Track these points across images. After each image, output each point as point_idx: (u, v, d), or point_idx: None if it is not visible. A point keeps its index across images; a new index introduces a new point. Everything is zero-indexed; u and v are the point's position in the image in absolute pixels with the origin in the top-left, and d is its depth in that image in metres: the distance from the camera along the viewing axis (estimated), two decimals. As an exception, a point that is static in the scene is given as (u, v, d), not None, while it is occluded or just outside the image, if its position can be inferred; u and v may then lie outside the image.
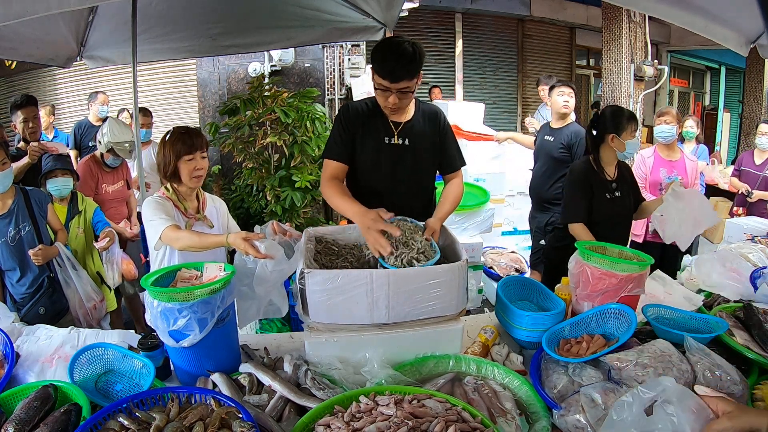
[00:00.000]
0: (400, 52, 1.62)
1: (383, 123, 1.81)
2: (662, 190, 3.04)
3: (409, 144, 1.82)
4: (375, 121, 1.81)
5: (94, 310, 2.41)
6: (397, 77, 1.63)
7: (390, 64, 1.63)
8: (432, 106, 1.92)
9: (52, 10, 1.25)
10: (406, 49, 1.62)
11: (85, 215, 2.55)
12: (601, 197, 2.15)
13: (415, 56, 1.63)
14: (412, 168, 1.85)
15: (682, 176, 3.00)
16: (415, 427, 0.99)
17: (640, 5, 2.94)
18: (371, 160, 1.83)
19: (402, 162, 1.83)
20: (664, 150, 3.09)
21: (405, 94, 1.68)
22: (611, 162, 2.18)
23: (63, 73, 5.24)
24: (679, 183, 2.05)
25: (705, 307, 1.74)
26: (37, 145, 2.64)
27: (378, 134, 1.81)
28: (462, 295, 1.37)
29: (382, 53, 1.64)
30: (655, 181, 3.08)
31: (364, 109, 1.83)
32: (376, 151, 1.82)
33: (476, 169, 3.99)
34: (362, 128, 1.81)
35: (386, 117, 1.81)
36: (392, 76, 1.63)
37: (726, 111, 10.18)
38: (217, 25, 3.10)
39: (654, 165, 3.10)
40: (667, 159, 3.08)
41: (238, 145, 4.09)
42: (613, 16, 5.87)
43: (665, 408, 0.91)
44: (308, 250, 1.48)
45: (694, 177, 3.04)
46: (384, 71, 1.64)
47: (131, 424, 1.03)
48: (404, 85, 1.65)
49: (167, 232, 1.65)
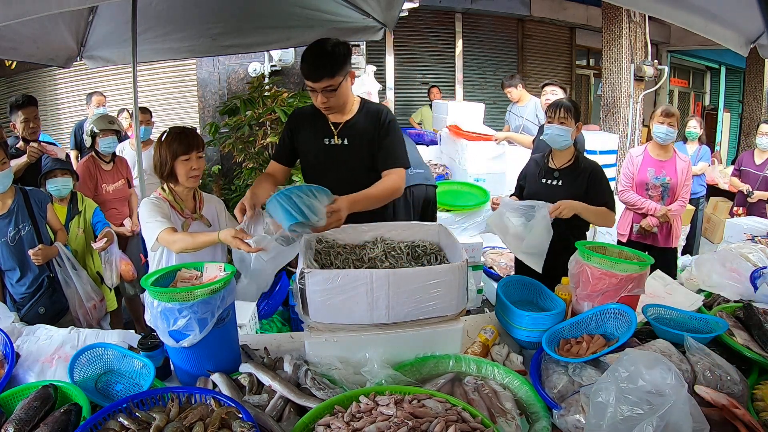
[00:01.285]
0: (317, 52, 1.67)
1: (324, 124, 1.85)
2: (648, 190, 2.96)
3: (348, 143, 1.84)
4: (317, 122, 1.85)
5: (94, 310, 2.41)
6: (316, 77, 1.67)
7: (308, 64, 1.67)
8: (378, 105, 1.93)
9: (52, 10, 1.24)
10: (323, 49, 1.66)
11: (85, 215, 2.55)
12: (534, 178, 2.21)
13: (333, 55, 1.66)
14: (351, 167, 1.85)
15: (670, 177, 2.90)
16: (415, 427, 0.99)
17: (640, 5, 2.94)
18: (313, 162, 1.90)
19: (341, 162, 1.85)
20: (655, 149, 2.97)
21: (331, 93, 1.70)
22: (558, 153, 2.16)
23: (63, 73, 5.24)
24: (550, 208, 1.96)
25: (705, 307, 1.74)
26: (37, 145, 2.64)
27: (319, 135, 1.85)
28: (462, 295, 1.37)
29: (303, 55, 1.70)
30: (642, 180, 2.98)
31: (308, 112, 1.89)
32: (316, 152, 1.86)
33: (476, 169, 3.99)
34: (304, 130, 1.87)
35: (326, 119, 1.83)
36: (312, 76, 1.68)
37: (726, 111, 10.18)
38: (217, 25, 3.10)
39: (642, 164, 2.99)
40: (657, 158, 2.95)
41: (238, 145, 4.09)
42: (613, 16, 5.87)
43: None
44: (308, 250, 1.48)
45: (685, 178, 2.90)
46: (305, 72, 1.70)
47: (131, 424, 1.03)
48: (326, 84, 1.67)
49: (163, 236, 1.68)
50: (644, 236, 2.98)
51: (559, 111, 2.08)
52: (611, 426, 0.97)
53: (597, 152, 4.34)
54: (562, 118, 2.07)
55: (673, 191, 2.91)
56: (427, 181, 3.00)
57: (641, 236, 2.99)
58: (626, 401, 0.98)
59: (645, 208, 2.93)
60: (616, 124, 6.01)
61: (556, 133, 2.08)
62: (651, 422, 0.91)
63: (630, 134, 6.05)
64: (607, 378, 1.05)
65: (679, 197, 2.90)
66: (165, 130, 1.82)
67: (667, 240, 2.96)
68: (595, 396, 1.04)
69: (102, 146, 2.91)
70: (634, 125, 6.06)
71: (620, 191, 3.06)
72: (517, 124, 4.28)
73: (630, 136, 6.04)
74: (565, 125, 2.07)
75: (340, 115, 1.83)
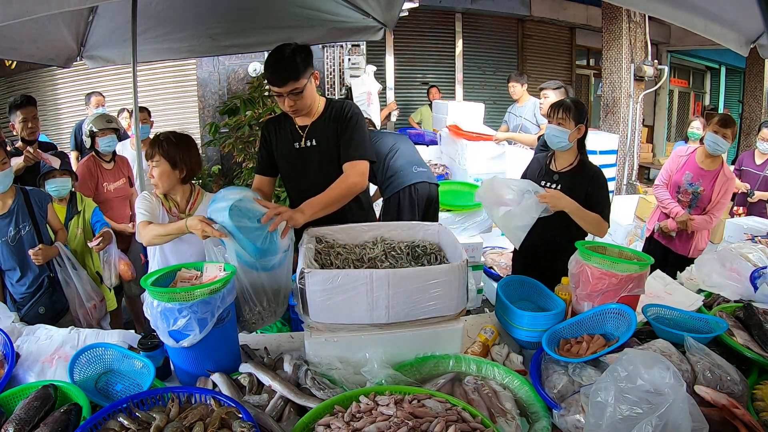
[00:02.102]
0: (278, 57, 1.69)
1: (292, 129, 1.87)
2: (679, 193, 2.88)
3: (315, 144, 1.85)
4: (285, 128, 1.88)
5: (94, 310, 2.41)
6: (280, 81, 1.69)
7: (272, 70, 1.70)
8: (342, 101, 1.92)
9: (52, 10, 1.25)
10: (283, 53, 1.68)
11: (84, 215, 2.55)
12: (533, 179, 2.15)
13: (293, 57, 1.67)
14: (320, 168, 1.85)
15: (705, 188, 2.77)
16: (415, 427, 0.99)
17: (640, 5, 2.94)
18: (285, 167, 1.92)
19: (311, 164, 1.87)
20: (702, 155, 2.82)
21: (297, 95, 1.71)
22: (561, 155, 2.11)
23: (63, 73, 5.24)
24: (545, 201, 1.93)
25: (705, 307, 1.74)
26: (33, 151, 2.64)
27: (288, 140, 1.87)
28: (462, 295, 1.37)
29: (266, 62, 1.73)
30: (676, 182, 2.90)
31: (278, 120, 1.92)
32: (287, 157, 1.89)
33: (476, 169, 3.99)
34: (276, 138, 1.90)
35: (294, 122, 1.86)
36: (277, 81, 1.70)
37: (726, 111, 10.17)
38: (217, 25, 3.10)
39: (683, 166, 2.88)
40: (700, 165, 2.82)
41: (238, 145, 4.09)
42: (613, 16, 5.88)
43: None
44: (308, 250, 1.48)
45: (721, 194, 2.74)
46: (270, 78, 1.72)
47: (131, 424, 1.03)
48: (291, 87, 1.69)
49: (138, 228, 1.72)
50: (663, 236, 2.95)
51: (558, 111, 2.03)
52: (610, 425, 0.97)
53: (597, 152, 4.33)
54: (560, 119, 2.02)
55: (703, 202, 2.81)
56: (431, 180, 3.01)
57: (661, 236, 2.96)
58: (625, 401, 0.98)
59: (669, 209, 2.89)
60: (616, 124, 6.02)
61: (553, 134, 2.04)
62: (650, 421, 0.91)
63: (630, 134, 6.05)
64: (606, 378, 1.05)
65: (710, 212, 2.79)
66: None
67: (684, 247, 2.88)
68: (594, 396, 1.04)
69: (102, 145, 2.91)
70: (634, 125, 6.06)
71: (655, 185, 3.03)
72: (516, 124, 4.29)
73: (630, 136, 6.04)
74: (563, 126, 2.01)
75: (307, 118, 1.85)
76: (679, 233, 2.87)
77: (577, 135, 2.05)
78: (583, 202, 1.98)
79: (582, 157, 2.10)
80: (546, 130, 2.10)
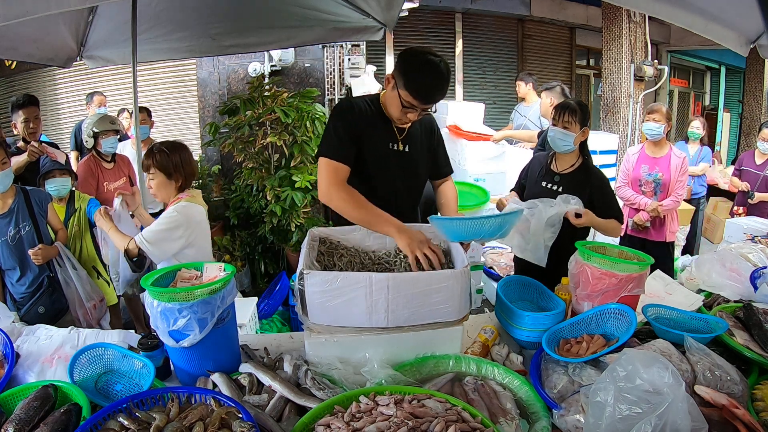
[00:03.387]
0: (437, 74, 1.55)
1: (387, 127, 1.74)
2: (641, 186, 3.06)
3: (409, 150, 1.79)
4: (379, 124, 1.73)
5: (94, 310, 2.42)
6: (432, 100, 1.59)
7: (430, 88, 1.56)
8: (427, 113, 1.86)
9: (52, 10, 1.25)
10: (441, 71, 1.55)
11: (81, 211, 2.56)
12: (534, 179, 2.18)
13: (449, 77, 1.59)
14: (412, 174, 1.84)
15: (663, 173, 2.98)
16: (415, 427, 0.99)
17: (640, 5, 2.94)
18: (376, 165, 1.74)
19: (404, 168, 1.80)
20: (650, 147, 3.07)
21: (426, 112, 1.68)
22: (562, 157, 2.10)
23: (63, 73, 5.23)
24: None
25: (705, 307, 1.74)
26: (38, 145, 2.64)
27: (383, 139, 1.74)
28: (465, 301, 1.34)
29: (420, 73, 1.55)
30: (636, 177, 3.09)
31: (368, 110, 1.72)
32: (381, 156, 1.74)
33: (476, 169, 3.99)
34: (367, 130, 1.70)
35: (390, 121, 1.73)
36: (428, 99, 1.58)
37: (726, 111, 10.18)
38: (217, 25, 3.10)
39: (637, 161, 3.10)
40: (651, 155, 3.05)
41: (238, 145, 4.09)
42: (613, 16, 5.87)
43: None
44: (310, 251, 1.47)
45: (679, 173, 2.96)
46: (421, 94, 1.56)
47: (131, 424, 1.03)
48: (431, 105, 1.63)
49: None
50: (638, 231, 3.07)
51: (564, 114, 2.02)
52: (610, 425, 0.97)
53: (597, 152, 4.33)
54: (566, 122, 2.01)
55: (665, 187, 2.99)
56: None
57: (636, 231, 3.08)
58: (625, 400, 0.98)
59: (637, 203, 3.04)
60: (616, 124, 6.01)
61: (558, 137, 2.03)
62: (650, 421, 0.91)
63: (630, 134, 6.05)
64: (605, 378, 1.05)
65: (672, 193, 2.98)
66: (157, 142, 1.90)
67: (659, 234, 3.03)
68: (593, 396, 1.04)
69: (105, 147, 2.91)
70: (634, 125, 6.06)
71: (617, 187, 3.15)
72: (519, 123, 4.30)
73: (630, 136, 6.04)
74: (569, 130, 2.01)
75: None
76: (652, 222, 3.03)
77: (582, 138, 2.05)
78: (587, 205, 1.99)
79: (585, 159, 2.09)
80: (550, 133, 2.08)
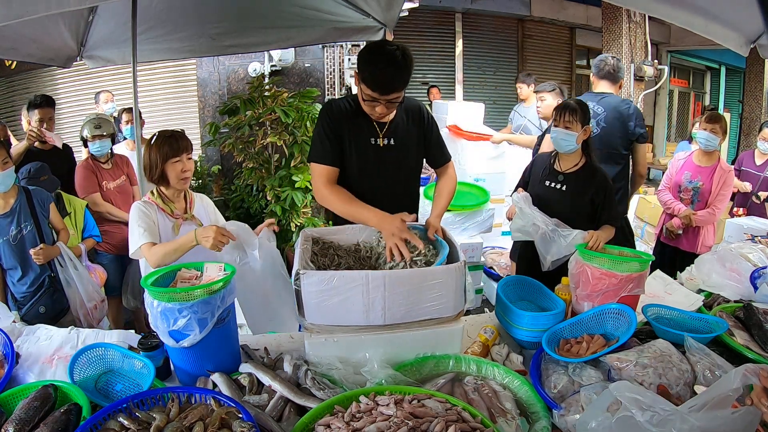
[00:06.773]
0: (388, 61, 1.51)
1: (368, 123, 1.74)
2: (680, 192, 3.00)
3: (395, 143, 1.77)
4: (359, 121, 1.73)
5: (95, 310, 2.41)
6: (388, 89, 1.56)
7: (381, 76, 1.54)
8: (413, 101, 1.85)
9: (52, 10, 1.24)
10: (395, 58, 1.51)
11: (75, 217, 2.58)
12: (538, 179, 2.17)
13: (406, 64, 1.54)
14: (398, 168, 1.82)
15: (704, 182, 2.90)
16: (415, 427, 0.99)
17: (640, 5, 2.95)
18: (358, 163, 1.76)
19: (388, 163, 1.79)
20: (699, 155, 2.98)
21: (393, 104, 1.62)
22: (565, 156, 2.09)
23: (63, 73, 5.23)
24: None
25: (705, 307, 1.74)
26: (36, 129, 2.67)
27: (364, 135, 1.74)
28: (460, 297, 1.36)
29: (372, 62, 1.54)
30: (677, 183, 3.02)
31: (348, 109, 1.74)
32: (362, 153, 1.75)
33: (476, 169, 3.98)
34: (348, 129, 1.73)
35: (369, 117, 1.73)
36: (383, 88, 1.55)
37: (726, 111, 10.16)
38: (217, 25, 3.10)
39: (682, 167, 3.03)
40: (698, 163, 2.97)
41: (238, 145, 4.09)
42: (613, 16, 5.88)
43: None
44: (304, 251, 1.47)
45: (720, 186, 2.87)
46: (374, 83, 1.55)
47: (131, 424, 1.03)
48: (394, 96, 1.59)
49: (143, 252, 1.68)
50: (671, 239, 3.02)
51: (565, 114, 2.02)
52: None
53: (597, 152, 4.34)
54: (567, 122, 2.01)
55: (704, 197, 2.91)
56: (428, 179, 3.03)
57: (668, 238, 3.04)
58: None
59: (672, 209, 3.00)
60: (616, 124, 6.01)
61: (561, 138, 2.03)
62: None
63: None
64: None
65: (711, 205, 2.89)
66: (154, 134, 1.82)
67: (692, 244, 2.95)
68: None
69: (92, 150, 2.92)
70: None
71: (658, 190, 3.15)
72: (519, 124, 4.30)
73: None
74: (571, 130, 2.00)
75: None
76: (686, 231, 2.96)
77: (584, 137, 2.05)
78: (588, 205, 1.99)
79: (589, 159, 2.09)
80: (552, 134, 2.08)
